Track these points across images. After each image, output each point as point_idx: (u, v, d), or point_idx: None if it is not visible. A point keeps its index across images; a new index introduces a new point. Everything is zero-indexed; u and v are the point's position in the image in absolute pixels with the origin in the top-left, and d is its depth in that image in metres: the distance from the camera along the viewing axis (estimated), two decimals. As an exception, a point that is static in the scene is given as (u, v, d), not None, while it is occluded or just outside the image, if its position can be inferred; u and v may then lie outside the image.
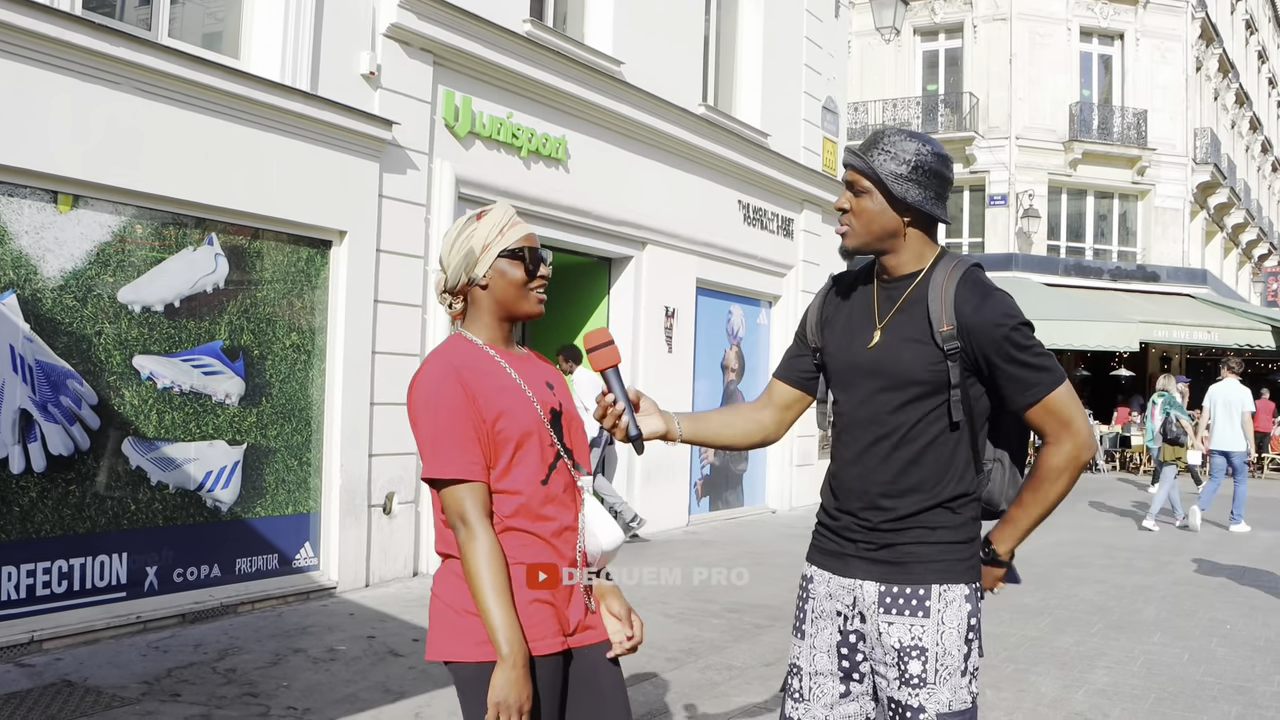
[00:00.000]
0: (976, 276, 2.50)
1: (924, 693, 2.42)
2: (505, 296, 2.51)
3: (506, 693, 2.27)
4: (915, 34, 29.19)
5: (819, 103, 14.72)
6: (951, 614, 2.44)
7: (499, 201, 2.66)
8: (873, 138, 2.51)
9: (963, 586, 2.47)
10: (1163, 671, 6.29)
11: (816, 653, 2.58)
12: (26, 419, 6.03)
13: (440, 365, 2.42)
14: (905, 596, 2.45)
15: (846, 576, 2.54)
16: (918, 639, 2.43)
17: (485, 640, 2.33)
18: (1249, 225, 38.11)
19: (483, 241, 2.48)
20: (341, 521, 7.81)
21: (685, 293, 12.10)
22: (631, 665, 5.91)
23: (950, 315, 2.43)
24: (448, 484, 2.37)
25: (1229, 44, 33.80)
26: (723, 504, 13.19)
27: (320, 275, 7.80)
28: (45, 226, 6.14)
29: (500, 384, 2.45)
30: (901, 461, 2.48)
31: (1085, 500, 16.91)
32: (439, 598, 2.47)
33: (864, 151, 2.49)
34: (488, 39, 8.92)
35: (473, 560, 2.33)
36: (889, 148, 2.46)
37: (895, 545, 2.47)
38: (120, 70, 6.31)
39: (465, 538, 2.35)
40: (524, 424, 2.44)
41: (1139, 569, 10.13)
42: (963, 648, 2.45)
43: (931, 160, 2.46)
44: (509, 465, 2.43)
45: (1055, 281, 27.18)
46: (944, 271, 2.50)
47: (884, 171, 2.45)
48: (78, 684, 5.39)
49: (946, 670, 2.43)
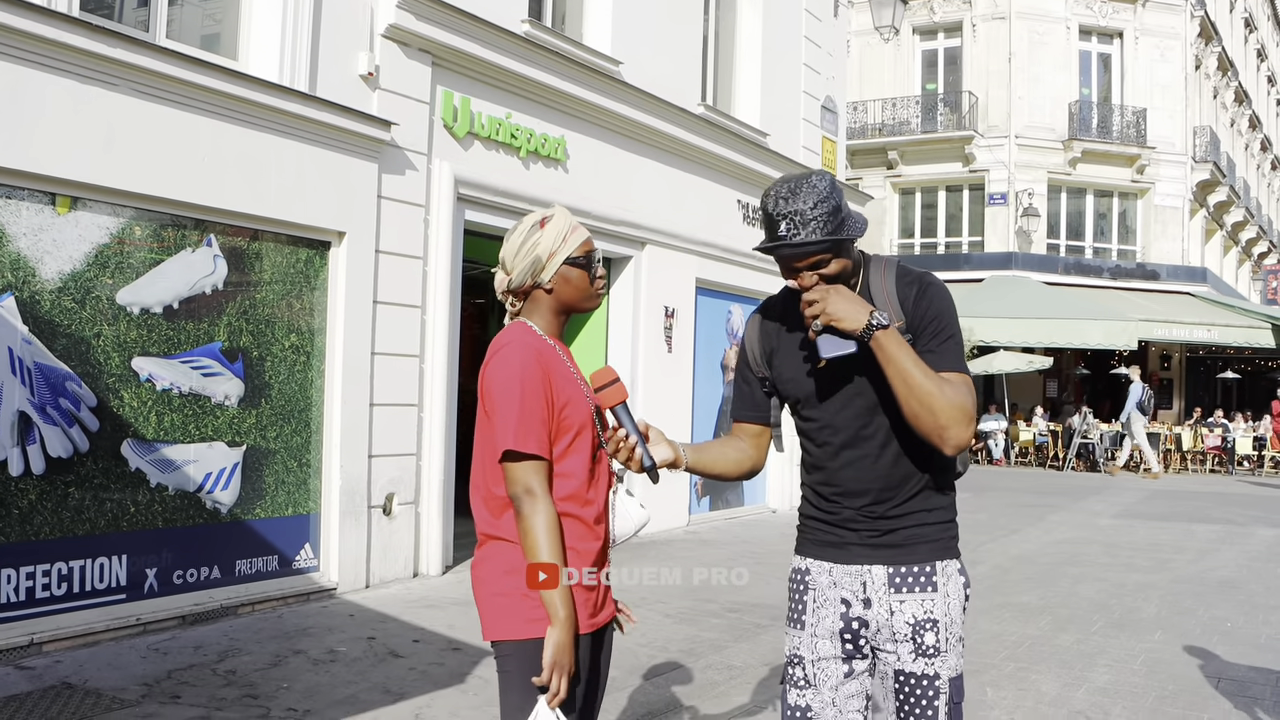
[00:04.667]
0: (906, 268, 2.65)
1: (938, 661, 2.58)
2: (568, 298, 2.73)
3: (561, 654, 2.44)
4: (914, 33, 29.21)
5: (818, 102, 14.71)
6: (953, 586, 2.63)
7: (558, 208, 2.78)
8: (783, 212, 2.43)
9: (956, 561, 2.67)
10: (1163, 670, 6.28)
11: (819, 640, 2.66)
12: (25, 421, 6.02)
13: (526, 348, 2.59)
14: (914, 575, 2.61)
15: (851, 564, 2.64)
16: (929, 612, 2.59)
17: (531, 619, 2.50)
18: (1248, 223, 38.14)
19: (548, 249, 2.67)
20: (341, 522, 7.80)
21: (685, 292, 12.10)
22: (633, 665, 5.91)
23: (898, 311, 2.57)
24: (519, 458, 2.51)
25: (1228, 42, 33.81)
26: (723, 504, 13.18)
27: (319, 276, 7.80)
28: (43, 228, 6.14)
29: (565, 373, 2.66)
30: (893, 455, 2.60)
31: (1084, 499, 16.91)
32: (483, 582, 2.63)
33: (798, 229, 2.42)
34: (486, 39, 8.91)
35: (537, 527, 2.47)
36: (808, 212, 2.42)
37: (899, 529, 2.61)
38: (118, 72, 6.31)
39: (530, 508, 2.49)
40: (582, 413, 2.64)
41: (1139, 567, 10.12)
42: (961, 617, 2.65)
43: (832, 191, 2.45)
44: (566, 450, 2.61)
45: (1055, 280, 27.21)
46: (877, 274, 2.63)
47: (833, 232, 2.43)
48: (77, 686, 5.39)
49: (954, 638, 2.61)
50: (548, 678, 2.44)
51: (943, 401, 2.43)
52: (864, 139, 28.43)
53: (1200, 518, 14.53)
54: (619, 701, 5.34)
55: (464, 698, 5.36)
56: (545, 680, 2.44)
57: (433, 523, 8.55)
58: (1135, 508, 15.77)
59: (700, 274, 12.34)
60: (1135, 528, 13.35)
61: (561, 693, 2.45)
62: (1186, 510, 15.52)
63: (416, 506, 8.49)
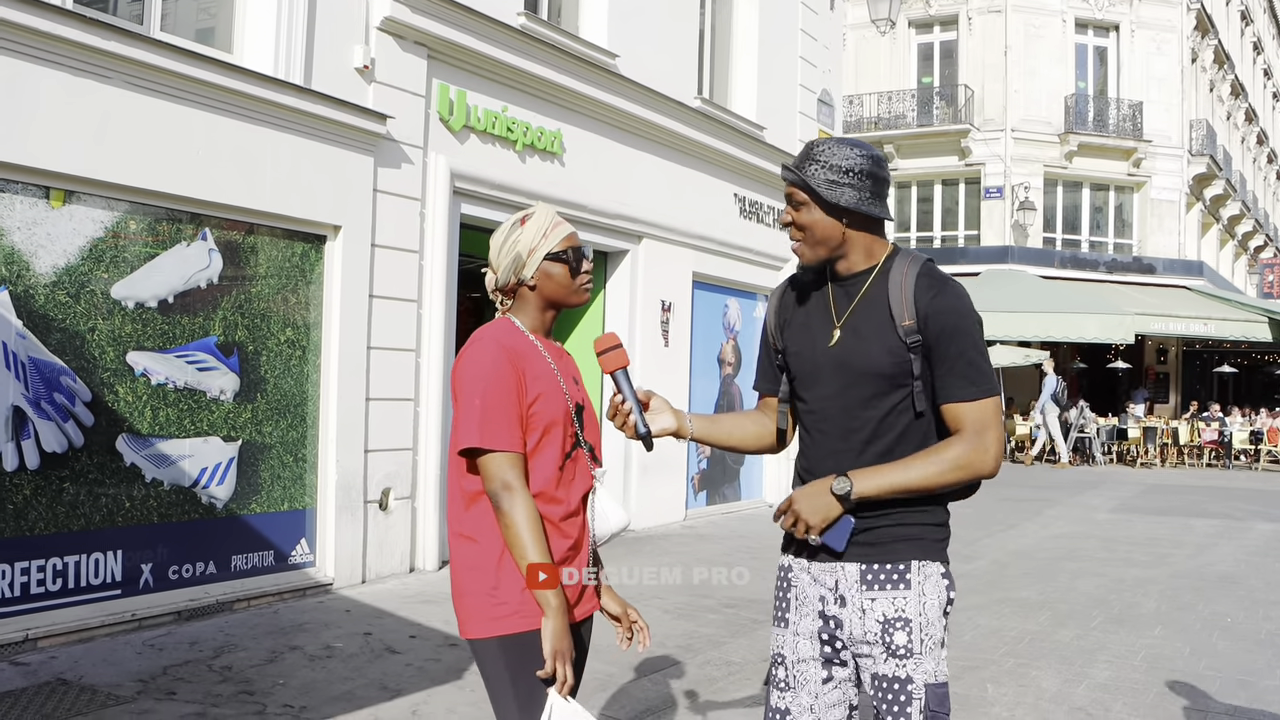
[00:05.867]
0: (931, 270, 2.56)
1: (910, 663, 2.47)
2: (552, 294, 2.73)
3: (559, 641, 2.47)
4: (910, 26, 29.17)
5: (814, 95, 14.68)
6: (930, 587, 2.51)
7: (540, 205, 2.82)
8: (805, 150, 2.57)
9: (939, 565, 2.54)
10: (1164, 665, 6.27)
11: (800, 639, 2.61)
12: (20, 416, 5.99)
13: (495, 344, 2.60)
14: (886, 572, 2.50)
15: (827, 561, 2.56)
16: (900, 610, 2.48)
17: (495, 617, 2.53)
18: (1245, 217, 38.16)
19: (529, 246, 2.69)
20: (337, 517, 7.77)
21: (681, 286, 12.06)
22: (630, 661, 5.88)
23: (910, 309, 2.49)
24: (491, 454, 2.51)
25: (1224, 35, 33.78)
26: (720, 498, 13.17)
27: (315, 270, 7.76)
28: (37, 222, 6.09)
29: (540, 370, 2.65)
30: (875, 454, 2.52)
31: (1082, 493, 16.91)
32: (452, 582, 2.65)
33: (797, 165, 2.55)
34: (482, 32, 8.87)
35: (519, 521, 2.48)
36: (819, 157, 2.52)
37: (875, 528, 2.51)
38: (112, 65, 6.26)
39: (509, 502, 2.49)
40: (554, 410, 2.62)
41: (1138, 562, 10.11)
42: (941, 619, 2.52)
43: (862, 162, 2.51)
44: (535, 447, 2.60)
45: (1051, 274, 27.20)
46: (900, 268, 2.55)
47: (816, 181, 2.51)
48: (72, 682, 5.35)
49: (931, 640, 2.49)
50: (552, 667, 2.45)
51: (948, 475, 2.44)
52: (860, 132, 28.39)
53: (1198, 512, 14.54)
54: (616, 698, 5.31)
55: (461, 694, 5.34)
56: (550, 671, 2.45)
57: (429, 518, 8.52)
58: (1132, 502, 15.77)
59: (697, 268, 12.31)
60: (1133, 522, 13.34)
61: (569, 679, 2.47)
62: (1184, 505, 15.53)
63: (413, 501, 8.46)
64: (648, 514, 11.20)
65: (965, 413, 2.47)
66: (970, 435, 2.45)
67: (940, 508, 2.57)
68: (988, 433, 2.45)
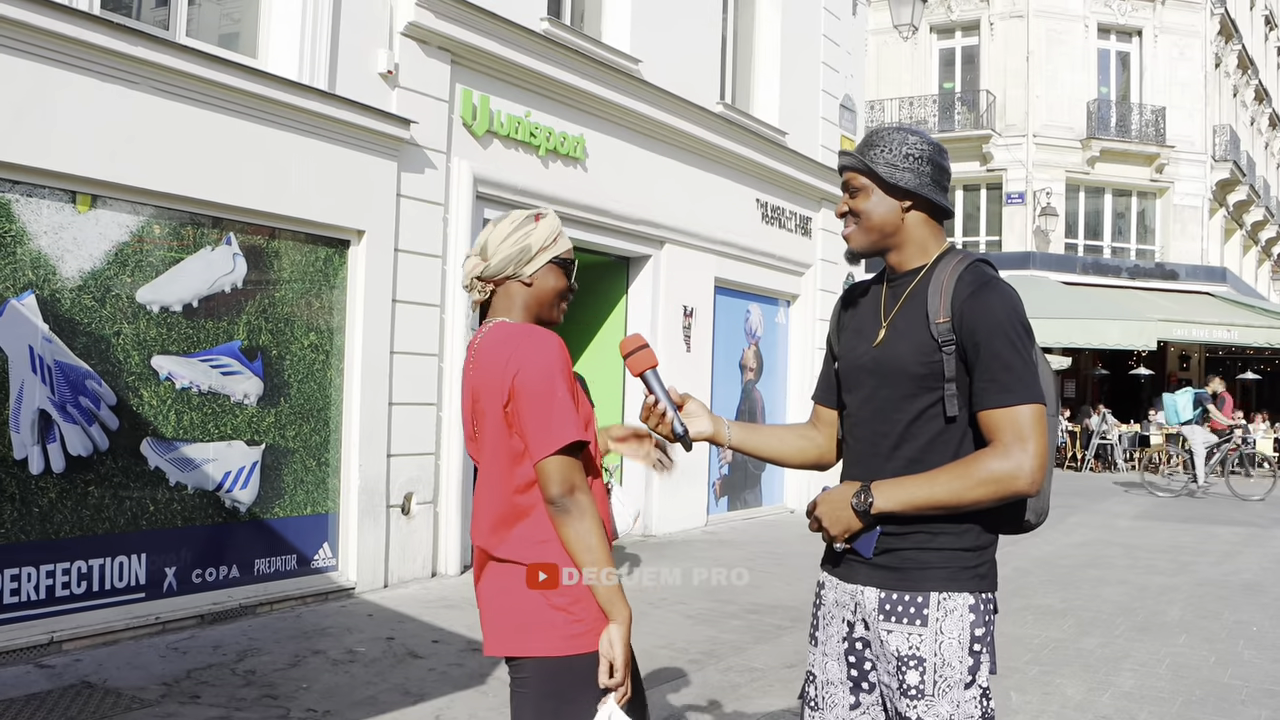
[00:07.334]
0: (980, 269, 2.41)
1: (922, 705, 2.31)
2: (544, 298, 2.64)
3: (624, 650, 2.42)
4: (932, 32, 29.06)
5: (837, 101, 14.65)
6: (951, 624, 2.31)
7: (549, 209, 2.76)
8: (866, 138, 2.51)
9: (967, 596, 2.33)
10: (1190, 674, 6.22)
11: (828, 660, 2.50)
12: (45, 419, 6.02)
13: (556, 342, 2.49)
14: (904, 604, 2.34)
15: (850, 582, 2.45)
16: (915, 648, 2.32)
17: (577, 634, 2.41)
18: (1268, 222, 37.87)
19: (541, 243, 2.62)
20: (360, 522, 7.78)
21: (703, 292, 12.05)
22: (652, 666, 5.87)
23: (947, 307, 2.34)
24: (558, 456, 2.40)
25: (1248, 40, 33.60)
26: (741, 504, 13.14)
27: (338, 275, 7.78)
28: (64, 227, 6.13)
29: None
30: (903, 460, 2.37)
31: (1104, 500, 16.81)
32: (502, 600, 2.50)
33: (859, 150, 2.50)
34: (505, 37, 8.89)
35: (593, 528, 2.41)
36: (878, 143, 2.46)
37: (897, 550, 2.36)
38: (138, 70, 6.30)
39: (580, 507, 2.41)
40: (587, 412, 2.56)
41: (1161, 570, 10.04)
42: (965, 659, 2.31)
43: (925, 149, 2.44)
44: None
45: (1073, 280, 27.04)
46: (948, 266, 2.42)
47: (876, 163, 2.44)
48: (97, 685, 5.38)
49: (946, 683, 2.30)
50: (623, 677, 2.40)
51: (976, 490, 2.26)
52: (881, 138, 28.26)
53: (1222, 520, 14.43)
54: (640, 704, 5.29)
55: (484, 699, 5.34)
56: (620, 681, 2.40)
57: (451, 522, 8.53)
58: (1154, 510, 15.66)
59: (719, 273, 12.29)
60: (1155, 530, 13.25)
61: (629, 690, 2.44)
62: (1207, 512, 15.41)
63: (435, 506, 8.46)
64: (669, 519, 11.18)
65: (999, 420, 2.27)
66: (1003, 446, 2.26)
67: (976, 528, 2.36)
68: (1024, 444, 2.24)
